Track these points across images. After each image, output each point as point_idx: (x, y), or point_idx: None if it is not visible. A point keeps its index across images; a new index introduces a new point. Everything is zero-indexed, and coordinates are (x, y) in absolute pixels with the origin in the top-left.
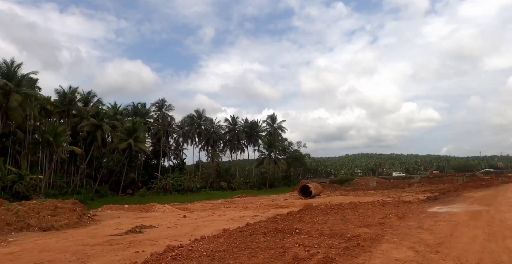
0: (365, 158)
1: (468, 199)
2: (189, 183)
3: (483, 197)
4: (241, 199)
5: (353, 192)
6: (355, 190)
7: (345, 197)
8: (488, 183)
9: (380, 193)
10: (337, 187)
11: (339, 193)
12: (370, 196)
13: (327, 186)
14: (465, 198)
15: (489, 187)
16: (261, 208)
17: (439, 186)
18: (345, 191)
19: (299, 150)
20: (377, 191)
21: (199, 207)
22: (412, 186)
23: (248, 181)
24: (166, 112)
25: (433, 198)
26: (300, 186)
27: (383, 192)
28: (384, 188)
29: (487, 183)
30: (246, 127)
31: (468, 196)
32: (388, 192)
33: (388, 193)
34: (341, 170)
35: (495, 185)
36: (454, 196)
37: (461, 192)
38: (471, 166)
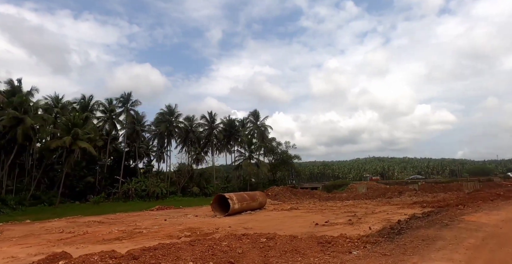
0: (376, 161)
1: (467, 236)
2: (154, 188)
3: (502, 231)
4: (142, 214)
5: (323, 203)
6: (333, 199)
7: (284, 214)
8: (508, 192)
9: (357, 204)
10: (315, 194)
11: (297, 203)
12: (331, 211)
13: (301, 193)
14: (463, 230)
15: (511, 200)
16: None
17: (439, 195)
18: (315, 200)
19: (287, 150)
20: (358, 201)
21: None
22: (402, 194)
23: (227, 185)
24: (132, 108)
25: (397, 231)
26: (216, 197)
27: (361, 202)
28: (372, 196)
29: (506, 192)
30: (226, 125)
31: (471, 225)
32: (370, 202)
33: (366, 205)
34: (349, 174)
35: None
36: (446, 220)
37: (463, 210)
38: (488, 170)
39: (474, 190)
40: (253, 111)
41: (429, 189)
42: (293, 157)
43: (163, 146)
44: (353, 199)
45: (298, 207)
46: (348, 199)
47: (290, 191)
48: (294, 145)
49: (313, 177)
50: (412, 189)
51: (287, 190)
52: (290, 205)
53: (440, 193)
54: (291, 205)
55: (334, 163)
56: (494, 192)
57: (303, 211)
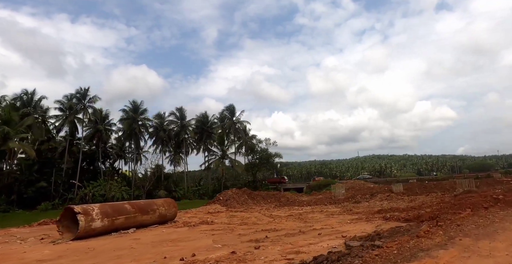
0: (376, 159)
1: None
2: (114, 193)
3: None
4: None
5: (277, 209)
6: (293, 204)
7: (175, 233)
8: (509, 194)
9: (310, 212)
10: (282, 196)
11: (244, 210)
12: (252, 226)
13: (262, 196)
14: None
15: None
16: None
17: (417, 198)
18: (272, 205)
19: (267, 148)
20: (319, 206)
21: None
22: (374, 197)
23: (199, 188)
24: (91, 105)
25: None
26: (65, 211)
27: (318, 209)
28: (341, 199)
29: (507, 192)
30: (198, 122)
31: None
32: (331, 208)
33: (320, 213)
34: (347, 173)
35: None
36: None
37: (427, 239)
38: (489, 165)
39: (464, 191)
40: (228, 106)
41: (416, 188)
42: (273, 155)
43: (130, 146)
44: (315, 204)
45: (230, 216)
46: (310, 203)
47: (247, 194)
48: (275, 142)
49: (310, 176)
50: (397, 190)
51: (244, 193)
52: (211, 216)
53: (420, 196)
54: (211, 217)
55: (333, 161)
56: (491, 193)
57: (213, 227)
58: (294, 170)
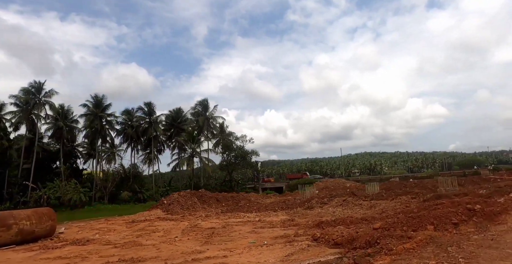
0: (368, 156)
1: None
2: (72, 195)
3: None
4: None
5: (216, 216)
6: (240, 210)
7: None
8: (489, 203)
9: (241, 223)
10: (242, 199)
11: (180, 219)
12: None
13: (216, 199)
14: None
15: (494, 222)
16: None
17: (379, 204)
18: (218, 211)
19: (243, 146)
20: (266, 212)
21: None
22: (331, 201)
23: (168, 188)
24: (47, 100)
25: None
26: None
27: (262, 216)
28: (297, 204)
29: (486, 200)
30: (168, 118)
31: None
32: (272, 215)
33: (246, 227)
34: (338, 170)
35: None
36: None
37: None
38: (479, 162)
39: (434, 196)
40: (201, 101)
41: (395, 187)
42: (249, 152)
43: (102, 144)
44: (271, 209)
45: (141, 230)
46: (269, 207)
47: (198, 197)
48: (252, 139)
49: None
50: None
51: (193, 195)
52: (118, 228)
53: (382, 201)
54: (118, 229)
55: (325, 159)
56: (466, 201)
57: (72, 250)
58: (285, 168)
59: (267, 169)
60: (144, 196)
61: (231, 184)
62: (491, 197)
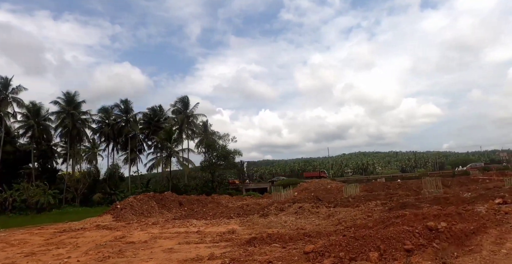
0: (362, 156)
1: None
2: (39, 197)
3: None
4: None
5: (167, 223)
6: (194, 216)
7: None
8: (468, 216)
9: (213, 224)
10: (208, 203)
11: (124, 228)
12: None
13: (178, 202)
14: None
15: None
16: None
17: (339, 212)
18: (172, 216)
19: (226, 145)
20: (218, 220)
21: None
22: (288, 208)
23: (144, 190)
24: (13, 96)
25: None
26: None
27: (218, 221)
28: (252, 210)
29: (462, 214)
30: (145, 116)
31: None
32: (236, 221)
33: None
34: (331, 170)
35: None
36: None
37: None
38: (471, 162)
39: (399, 205)
40: (181, 97)
41: (377, 189)
42: (232, 152)
43: (69, 143)
44: (220, 216)
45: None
46: (216, 215)
47: (157, 201)
48: (235, 138)
49: (293, 174)
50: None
51: (151, 199)
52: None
53: (344, 208)
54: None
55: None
56: (433, 212)
57: None
58: (278, 168)
59: (260, 168)
60: (118, 198)
61: (213, 185)
62: (475, 202)
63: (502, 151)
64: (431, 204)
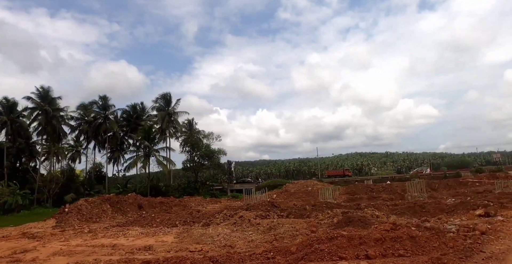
0: (358, 156)
1: None
2: (7, 198)
3: None
4: None
5: (103, 232)
6: (150, 222)
7: None
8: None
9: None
10: (165, 206)
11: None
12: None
13: (146, 205)
14: None
15: None
16: None
17: (282, 225)
18: (116, 222)
19: (210, 144)
20: (154, 229)
21: None
22: (234, 216)
23: (121, 191)
24: None
25: None
26: None
27: (157, 231)
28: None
29: (459, 211)
30: (125, 113)
31: None
32: (175, 231)
33: None
34: (326, 171)
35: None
36: None
37: None
38: (467, 163)
39: (344, 219)
40: (163, 94)
41: (360, 192)
42: (216, 151)
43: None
44: (166, 224)
45: None
46: (162, 221)
47: (112, 204)
48: (219, 136)
49: (288, 174)
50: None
51: (105, 202)
52: None
53: (291, 220)
54: None
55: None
56: (376, 236)
57: None
58: (273, 168)
59: (256, 169)
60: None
61: (196, 185)
62: (454, 211)
63: (494, 152)
64: (402, 213)
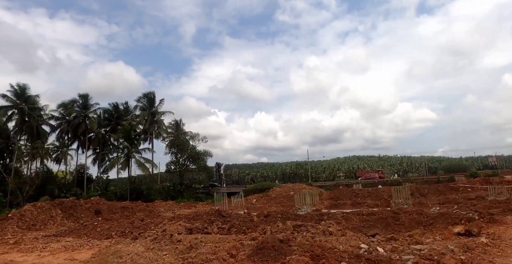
0: (356, 160)
1: None
2: None
3: None
4: None
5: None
6: (90, 231)
7: None
8: None
9: None
10: (129, 211)
11: None
12: None
13: (104, 210)
14: None
15: None
16: None
17: (202, 244)
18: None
19: (195, 146)
20: (84, 239)
21: None
22: (142, 236)
23: (100, 193)
24: None
25: None
26: None
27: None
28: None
29: (437, 225)
30: (107, 112)
31: None
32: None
33: None
34: (323, 174)
35: None
36: None
37: None
38: (464, 167)
39: (258, 246)
40: (147, 93)
41: (344, 196)
42: (202, 153)
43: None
44: (103, 234)
45: None
46: (101, 232)
47: (64, 209)
48: (205, 138)
49: (285, 177)
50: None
51: (56, 207)
52: None
53: (215, 239)
54: None
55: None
56: None
57: None
58: (269, 170)
59: (253, 171)
60: None
61: (180, 188)
62: (433, 224)
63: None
64: (372, 226)
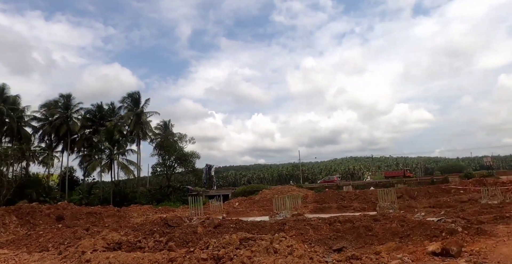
0: (353, 161)
1: None
2: None
3: None
4: None
5: None
6: (32, 242)
7: None
8: None
9: None
10: (96, 218)
11: None
12: None
13: (69, 216)
14: None
15: None
16: None
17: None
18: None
19: (183, 147)
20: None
21: None
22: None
23: (82, 197)
24: None
25: None
26: None
27: None
28: None
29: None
30: (89, 113)
31: None
32: None
33: None
34: (319, 175)
35: None
36: None
37: None
38: (461, 167)
39: None
40: (132, 93)
41: (330, 199)
42: (189, 154)
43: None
44: (40, 246)
45: None
46: (43, 242)
47: (20, 215)
48: (193, 138)
49: (281, 179)
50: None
51: (10, 213)
52: None
53: (138, 256)
54: None
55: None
56: None
57: None
58: (266, 172)
59: (249, 173)
60: (53, 201)
61: (167, 191)
62: (410, 235)
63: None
64: (341, 237)
